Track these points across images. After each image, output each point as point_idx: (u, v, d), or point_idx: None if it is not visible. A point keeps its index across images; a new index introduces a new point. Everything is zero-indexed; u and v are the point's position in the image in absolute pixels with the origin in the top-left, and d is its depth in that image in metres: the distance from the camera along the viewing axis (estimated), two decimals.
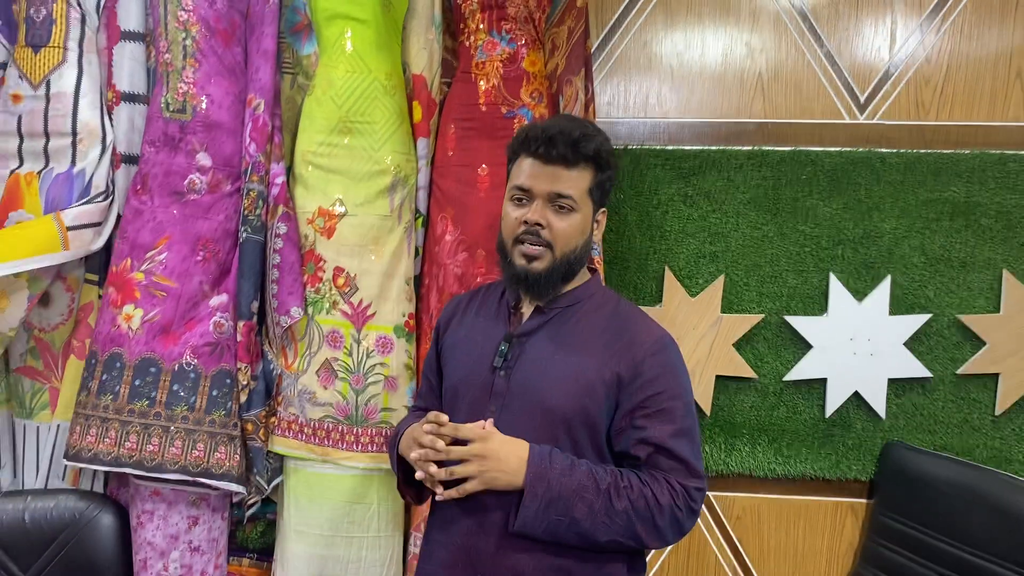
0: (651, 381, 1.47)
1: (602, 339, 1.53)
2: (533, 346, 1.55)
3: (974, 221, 2.17)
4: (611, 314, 1.57)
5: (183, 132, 2.10)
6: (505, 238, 1.57)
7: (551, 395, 1.49)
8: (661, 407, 1.46)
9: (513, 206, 1.56)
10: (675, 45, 2.29)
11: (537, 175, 1.51)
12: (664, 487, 1.43)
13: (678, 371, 1.51)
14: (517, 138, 1.58)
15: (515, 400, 1.51)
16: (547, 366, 1.51)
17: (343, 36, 2.08)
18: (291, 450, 2.06)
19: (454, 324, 1.71)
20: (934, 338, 2.19)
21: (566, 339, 1.54)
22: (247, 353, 2.04)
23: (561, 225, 1.51)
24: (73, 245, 2.05)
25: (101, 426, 2.02)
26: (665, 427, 1.45)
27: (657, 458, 1.45)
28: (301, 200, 2.12)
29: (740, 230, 2.23)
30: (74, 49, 2.13)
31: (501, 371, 1.54)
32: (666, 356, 1.51)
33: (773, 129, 2.26)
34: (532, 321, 1.58)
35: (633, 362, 1.48)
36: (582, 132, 1.50)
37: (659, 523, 1.42)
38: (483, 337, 1.61)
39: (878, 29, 2.23)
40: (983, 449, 2.19)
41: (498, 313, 1.65)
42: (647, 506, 1.41)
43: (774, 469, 2.23)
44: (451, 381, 1.63)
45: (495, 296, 1.69)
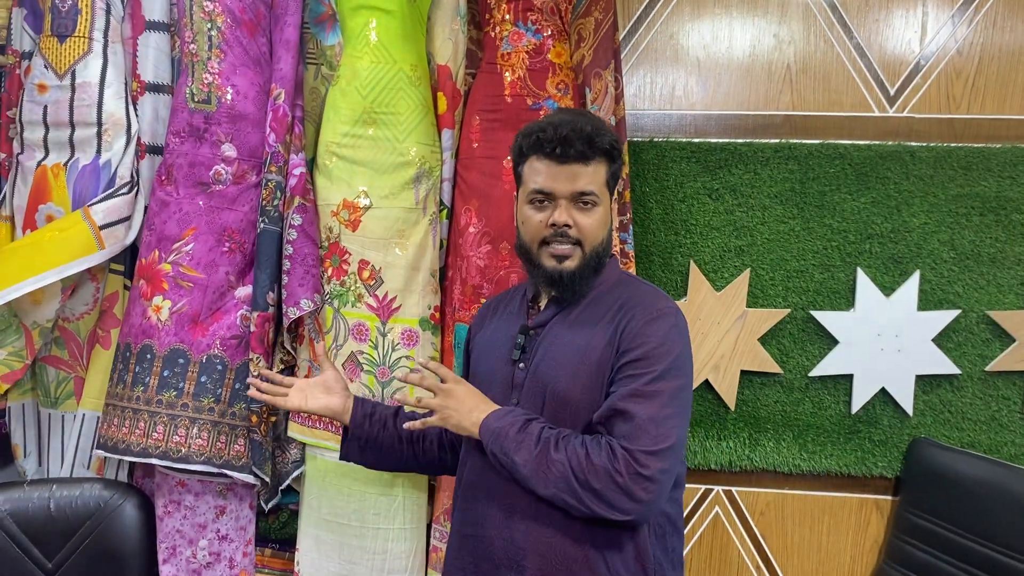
0: (634, 348, 1.43)
1: (606, 317, 1.50)
2: (549, 335, 1.55)
3: (1005, 217, 2.14)
4: (619, 294, 1.55)
5: (208, 123, 2.10)
6: (528, 242, 1.55)
7: (559, 381, 1.48)
8: (631, 373, 1.41)
9: (533, 209, 1.53)
10: (702, 36, 2.27)
11: (556, 176, 1.49)
12: (603, 449, 1.36)
13: (667, 338, 1.44)
14: (525, 139, 1.54)
15: (531, 389, 1.52)
16: (558, 352, 1.51)
17: (368, 26, 2.07)
18: (319, 440, 2.07)
19: (484, 326, 1.72)
20: (963, 334, 2.17)
21: (576, 323, 1.53)
22: (260, 344, 2.03)
23: (587, 222, 1.50)
24: (108, 243, 2.07)
25: (133, 417, 2.03)
26: (626, 387, 1.40)
27: (611, 422, 1.40)
28: (325, 192, 2.12)
29: (766, 224, 2.21)
30: (99, 39, 2.13)
31: (519, 363, 1.55)
32: (659, 324, 1.45)
33: (801, 122, 2.24)
34: (548, 311, 1.58)
35: (629, 332, 1.45)
36: (593, 127, 1.48)
37: (595, 485, 1.35)
38: (504, 334, 1.62)
39: (909, 21, 2.20)
40: (1011, 446, 2.17)
41: (519, 309, 1.65)
42: (580, 465, 1.35)
43: (799, 465, 2.21)
44: (478, 379, 1.63)
45: (519, 295, 1.70)
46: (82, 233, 2.03)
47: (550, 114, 1.72)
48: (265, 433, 2.06)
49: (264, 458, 2.05)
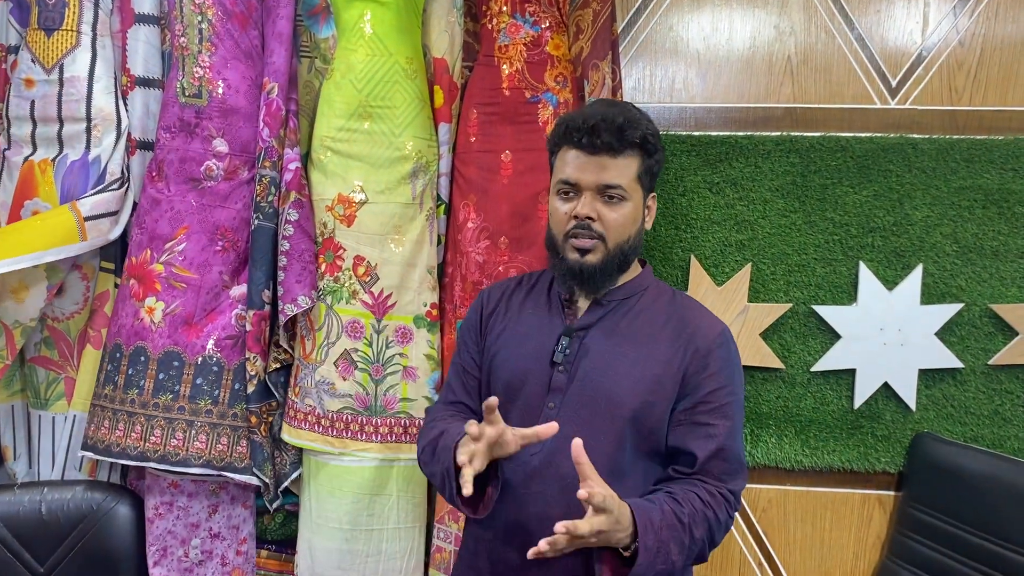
0: (715, 374, 1.45)
1: (665, 331, 1.49)
2: (594, 340, 1.50)
3: (1008, 209, 2.12)
4: (669, 305, 1.55)
5: (199, 118, 2.06)
6: (555, 233, 1.52)
7: (616, 390, 1.45)
8: (723, 402, 1.44)
9: (561, 200, 1.50)
10: (702, 28, 2.24)
11: (583, 167, 1.46)
12: (721, 503, 1.42)
13: (737, 366, 1.50)
14: (557, 130, 1.52)
15: (577, 396, 1.47)
16: (612, 361, 1.47)
17: (362, 19, 2.04)
18: (308, 443, 2.03)
19: (499, 314, 1.64)
20: (966, 328, 2.15)
21: (628, 332, 1.50)
22: (256, 343, 2.00)
23: (612, 216, 1.46)
24: (91, 235, 2.02)
25: (128, 421, 2.00)
26: (724, 423, 1.44)
27: (715, 461, 1.43)
28: (319, 187, 2.08)
29: (768, 218, 2.18)
30: (88, 32, 2.09)
31: (561, 366, 1.49)
32: (729, 349, 1.49)
33: (802, 114, 2.21)
34: (590, 314, 1.53)
35: (699, 354, 1.46)
36: (626, 118, 1.44)
37: (718, 538, 1.43)
38: (537, 331, 1.56)
39: (910, 12, 2.18)
40: (1014, 440, 2.15)
41: (550, 305, 1.59)
42: (710, 528, 1.40)
43: (801, 461, 2.19)
44: (504, 376, 1.56)
45: (543, 287, 1.64)
46: (66, 222, 1.98)
47: (590, 103, 1.69)
48: (265, 434, 2.03)
49: (264, 459, 2.02)
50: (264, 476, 2.02)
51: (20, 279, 2.03)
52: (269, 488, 2.05)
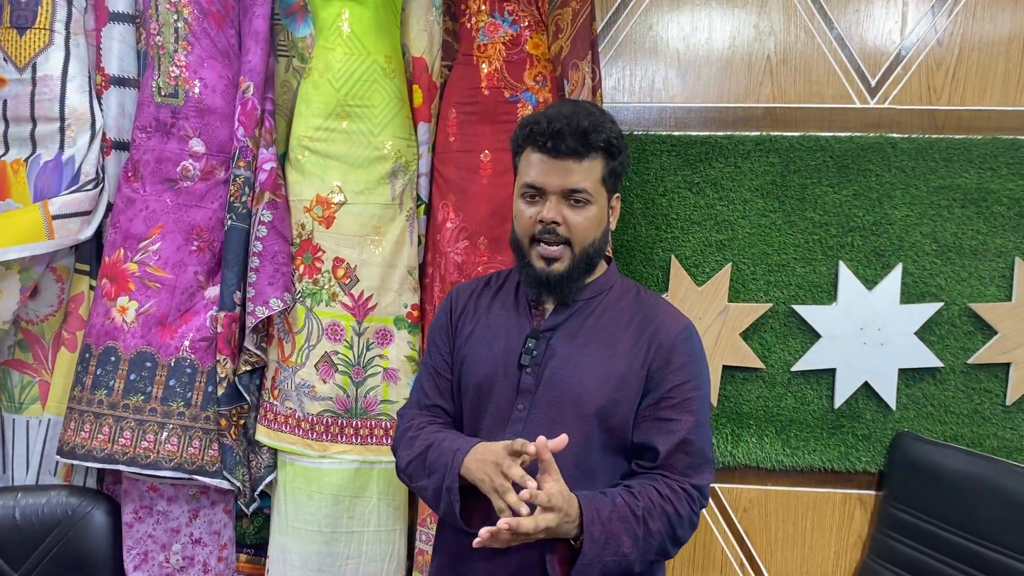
0: (678, 370, 1.45)
1: (629, 329, 1.49)
2: (560, 341, 1.50)
3: (986, 208, 2.13)
4: (634, 303, 1.54)
5: (175, 117, 2.04)
6: (520, 236, 1.51)
7: (584, 390, 1.45)
8: (686, 397, 1.44)
9: (525, 204, 1.49)
10: (681, 28, 2.23)
11: (548, 171, 1.44)
12: (682, 497, 1.40)
13: (701, 361, 1.50)
14: (521, 131, 1.49)
15: (545, 396, 1.47)
16: (577, 360, 1.47)
17: (340, 17, 2.02)
18: (288, 445, 2.01)
19: (467, 315, 1.63)
20: (945, 327, 2.16)
21: (593, 332, 1.50)
22: (227, 345, 1.98)
23: (578, 220, 1.45)
24: (59, 234, 1.98)
25: (95, 422, 1.97)
26: (688, 418, 1.43)
27: (678, 455, 1.42)
28: (297, 187, 2.06)
29: (747, 218, 2.18)
30: (61, 31, 2.06)
31: (528, 368, 1.49)
32: (692, 345, 1.49)
33: (781, 114, 2.21)
34: (556, 316, 1.53)
35: (662, 350, 1.46)
36: (591, 122, 1.42)
37: (679, 534, 1.41)
38: (505, 332, 1.55)
39: (889, 11, 2.18)
40: (993, 439, 2.16)
41: (517, 306, 1.58)
42: (670, 523, 1.38)
43: (782, 460, 2.19)
44: (474, 379, 1.55)
45: (510, 287, 1.63)
46: (33, 220, 1.95)
47: (552, 104, 1.66)
48: (236, 437, 2.00)
49: (236, 462, 2.00)
50: (235, 480, 1.99)
51: None
52: (243, 492, 2.03)
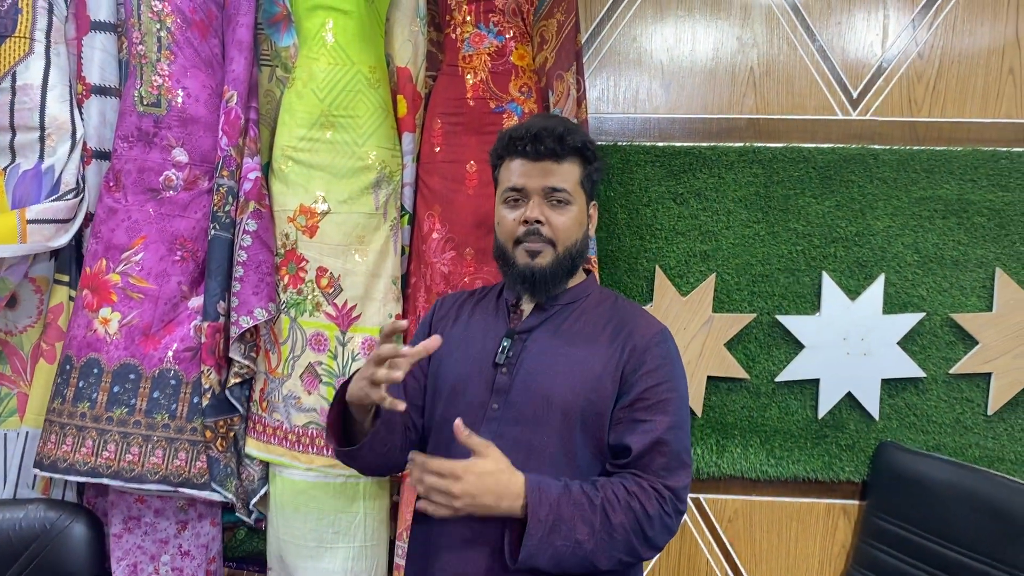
0: (652, 372, 1.45)
1: (604, 332, 1.51)
2: (536, 342, 1.52)
3: (967, 219, 2.15)
4: (611, 309, 1.57)
5: (158, 127, 2.02)
6: (504, 241, 1.54)
7: (557, 390, 1.45)
8: (660, 398, 1.44)
9: (508, 208, 1.54)
10: (665, 39, 2.25)
11: (529, 173, 1.50)
12: (652, 496, 1.38)
13: (676, 364, 1.50)
14: (500, 142, 1.57)
15: (519, 396, 1.47)
16: (552, 361, 1.48)
17: (324, 27, 2.01)
18: (276, 457, 2.00)
19: (447, 322, 1.65)
20: (927, 337, 2.17)
21: (569, 334, 1.52)
22: (211, 355, 1.96)
23: (560, 219, 1.50)
24: (31, 239, 1.95)
25: (77, 435, 1.94)
26: (662, 419, 1.42)
27: (652, 455, 1.41)
28: (281, 197, 2.05)
29: (731, 229, 2.19)
30: (41, 39, 2.04)
31: (503, 367, 1.50)
32: (666, 347, 1.50)
33: (765, 125, 2.22)
34: (533, 317, 1.55)
35: (636, 352, 1.47)
36: (565, 127, 1.50)
37: (649, 534, 1.38)
38: (482, 335, 1.58)
39: (870, 24, 2.20)
40: (976, 449, 2.18)
41: (497, 311, 1.61)
42: (636, 519, 1.37)
43: (766, 471, 2.20)
44: (449, 379, 1.56)
45: (492, 296, 1.66)
46: (6, 222, 1.93)
47: (528, 119, 1.74)
48: (223, 448, 1.98)
49: (225, 474, 1.97)
50: (227, 492, 1.97)
51: None
52: (237, 504, 2.00)
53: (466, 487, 1.32)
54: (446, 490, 1.32)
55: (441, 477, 1.32)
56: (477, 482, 1.32)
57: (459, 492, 1.31)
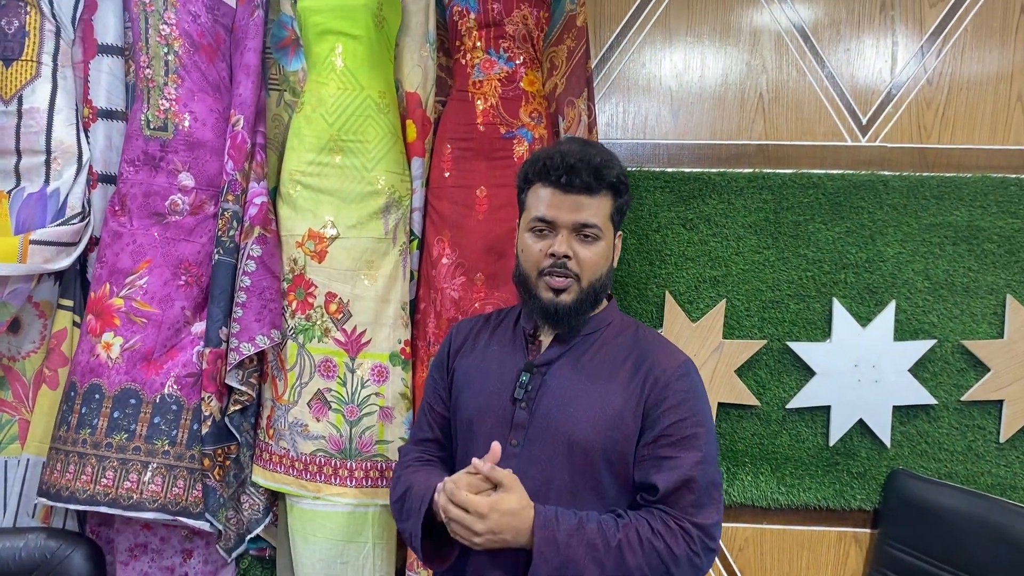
0: (675, 407, 1.41)
1: (625, 366, 1.47)
2: (555, 376, 1.48)
3: (977, 246, 2.15)
4: (632, 340, 1.52)
5: (164, 151, 2.01)
6: (527, 270, 1.50)
7: (578, 427, 1.42)
8: (686, 434, 1.40)
9: (534, 238, 1.49)
10: (674, 65, 2.25)
11: (559, 205, 1.45)
12: (678, 536, 1.35)
13: (701, 397, 1.46)
14: (532, 166, 1.50)
15: (538, 433, 1.44)
16: (572, 397, 1.45)
17: (334, 52, 2.01)
18: (283, 486, 1.97)
19: (466, 351, 1.62)
20: (938, 364, 2.16)
21: (589, 368, 1.48)
22: (212, 382, 1.93)
23: (587, 255, 1.46)
24: (31, 259, 1.92)
25: (79, 462, 1.91)
26: (690, 455, 1.39)
27: (680, 492, 1.38)
28: (289, 222, 2.04)
29: (741, 254, 2.18)
30: (48, 63, 2.03)
31: (522, 402, 1.47)
32: (690, 381, 1.45)
33: (774, 151, 2.22)
34: (552, 350, 1.51)
35: (657, 387, 1.43)
36: (602, 159, 1.45)
37: (675, 573, 1.35)
38: (499, 366, 1.54)
39: (879, 50, 2.21)
40: (988, 476, 2.16)
41: (514, 341, 1.57)
42: (660, 560, 1.34)
43: (777, 499, 2.18)
44: (466, 413, 1.54)
45: (509, 323, 1.62)
46: (8, 242, 1.91)
47: (559, 141, 1.67)
48: (220, 478, 1.94)
49: (219, 504, 1.94)
50: (218, 522, 1.93)
51: None
52: (227, 536, 1.96)
53: (489, 525, 1.30)
54: (469, 526, 1.30)
55: (466, 512, 1.31)
56: (500, 520, 1.31)
57: (482, 530, 1.30)
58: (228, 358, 1.94)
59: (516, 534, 1.31)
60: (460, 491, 1.33)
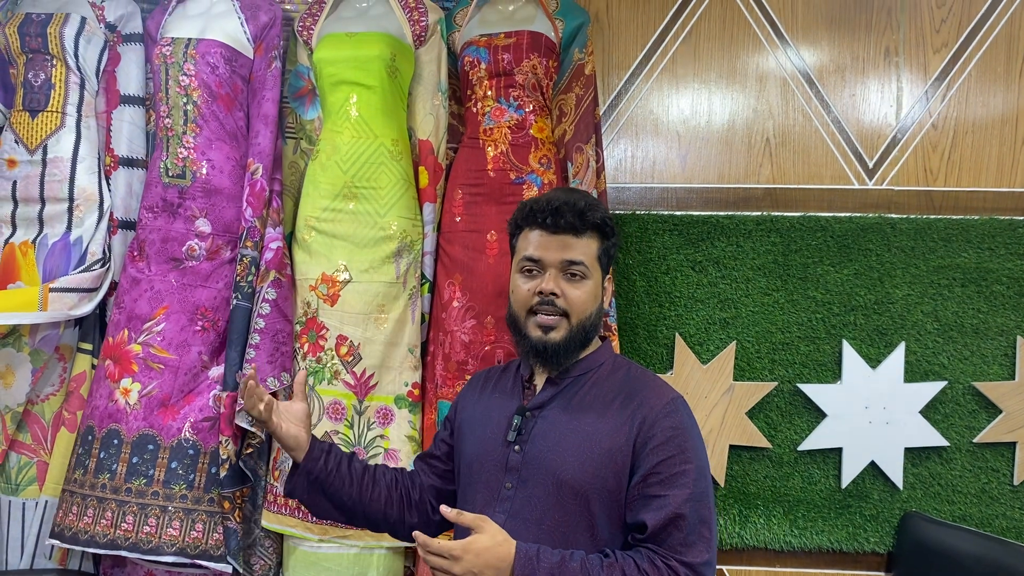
0: (663, 444, 1.41)
1: (614, 405, 1.48)
2: (546, 418, 1.50)
3: (986, 288, 2.15)
4: (623, 379, 1.53)
5: (182, 198, 2.06)
6: (517, 311, 1.53)
7: (567, 468, 1.43)
8: (673, 471, 1.39)
9: (524, 278, 1.52)
10: (681, 111, 2.28)
11: (547, 245, 1.49)
12: (663, 573, 1.34)
13: (690, 433, 1.45)
14: (520, 212, 1.56)
15: (531, 474, 1.45)
16: (561, 437, 1.46)
17: (348, 102, 2.06)
18: (290, 529, 1.98)
19: (471, 401, 1.65)
20: (950, 406, 2.16)
21: (579, 408, 1.49)
22: (229, 426, 1.95)
23: (576, 293, 1.48)
24: (52, 307, 1.97)
25: (98, 506, 1.94)
26: (678, 492, 1.38)
27: (668, 530, 1.37)
28: (303, 266, 2.08)
29: (750, 296, 2.20)
30: (72, 114, 2.10)
31: (515, 445, 1.49)
32: (678, 418, 1.45)
33: (781, 195, 2.25)
34: (544, 393, 1.53)
35: (645, 425, 1.43)
36: (587, 203, 1.50)
37: None
38: (497, 412, 1.56)
39: (885, 95, 2.24)
40: (1002, 519, 2.14)
41: (513, 387, 1.60)
42: None
43: (789, 542, 2.16)
44: (466, 458, 1.56)
45: (511, 371, 1.65)
46: (28, 292, 1.96)
47: (549, 191, 1.72)
48: (239, 520, 1.96)
49: (240, 547, 1.95)
50: (238, 565, 1.94)
51: (6, 364, 2.00)
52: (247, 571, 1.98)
53: (466, 566, 1.30)
54: (448, 570, 1.31)
55: (442, 558, 1.31)
56: (476, 560, 1.31)
57: (460, 572, 1.30)
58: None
59: (496, 572, 1.31)
60: (432, 539, 1.33)
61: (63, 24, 2.08)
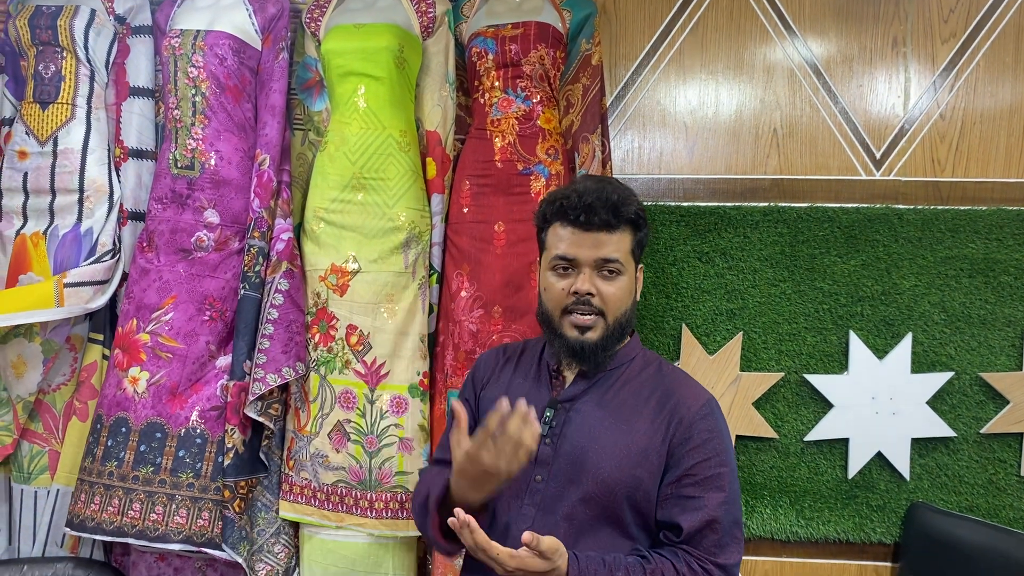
0: (700, 446, 1.41)
1: (650, 404, 1.47)
2: (580, 412, 1.48)
3: (994, 278, 2.15)
4: (655, 376, 1.52)
5: (191, 189, 2.07)
6: (551, 309, 1.50)
7: (603, 464, 1.42)
8: (709, 474, 1.40)
9: (556, 276, 1.49)
10: (688, 102, 2.29)
11: (580, 243, 1.46)
12: None
13: (725, 436, 1.46)
14: (549, 206, 1.52)
15: (563, 469, 1.44)
16: (597, 434, 1.45)
17: (356, 93, 2.07)
18: (306, 516, 2.00)
19: (491, 383, 1.62)
20: (957, 396, 2.16)
21: (614, 405, 1.48)
22: (235, 414, 1.96)
23: (611, 290, 1.46)
24: (68, 301, 1.99)
25: (105, 494, 1.95)
26: (714, 495, 1.39)
27: (704, 532, 1.38)
28: (313, 257, 2.09)
29: (757, 287, 2.20)
30: (83, 106, 2.11)
31: (547, 438, 1.47)
32: (714, 420, 1.45)
33: (789, 186, 2.25)
34: (577, 386, 1.51)
35: (682, 426, 1.43)
36: (619, 195, 1.45)
37: None
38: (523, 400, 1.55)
39: (892, 86, 2.24)
40: (1009, 510, 2.14)
41: (539, 376, 1.57)
42: None
43: (796, 532, 2.17)
44: None
45: (533, 357, 1.62)
46: (44, 287, 1.97)
47: (575, 180, 1.68)
48: (240, 510, 1.97)
49: (239, 537, 1.96)
50: (238, 556, 1.94)
51: (18, 354, 2.02)
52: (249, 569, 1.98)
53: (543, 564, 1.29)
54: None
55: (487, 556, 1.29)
56: None
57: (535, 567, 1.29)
58: (252, 388, 1.97)
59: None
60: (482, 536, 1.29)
61: (73, 16, 2.09)
